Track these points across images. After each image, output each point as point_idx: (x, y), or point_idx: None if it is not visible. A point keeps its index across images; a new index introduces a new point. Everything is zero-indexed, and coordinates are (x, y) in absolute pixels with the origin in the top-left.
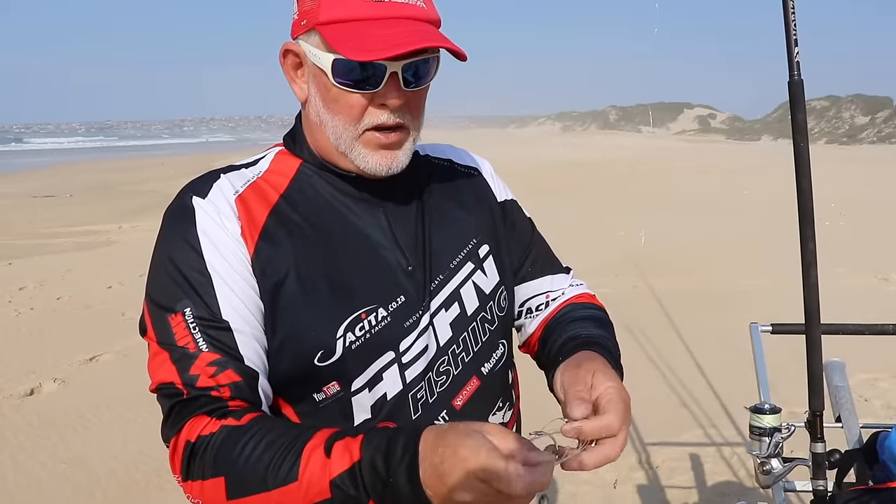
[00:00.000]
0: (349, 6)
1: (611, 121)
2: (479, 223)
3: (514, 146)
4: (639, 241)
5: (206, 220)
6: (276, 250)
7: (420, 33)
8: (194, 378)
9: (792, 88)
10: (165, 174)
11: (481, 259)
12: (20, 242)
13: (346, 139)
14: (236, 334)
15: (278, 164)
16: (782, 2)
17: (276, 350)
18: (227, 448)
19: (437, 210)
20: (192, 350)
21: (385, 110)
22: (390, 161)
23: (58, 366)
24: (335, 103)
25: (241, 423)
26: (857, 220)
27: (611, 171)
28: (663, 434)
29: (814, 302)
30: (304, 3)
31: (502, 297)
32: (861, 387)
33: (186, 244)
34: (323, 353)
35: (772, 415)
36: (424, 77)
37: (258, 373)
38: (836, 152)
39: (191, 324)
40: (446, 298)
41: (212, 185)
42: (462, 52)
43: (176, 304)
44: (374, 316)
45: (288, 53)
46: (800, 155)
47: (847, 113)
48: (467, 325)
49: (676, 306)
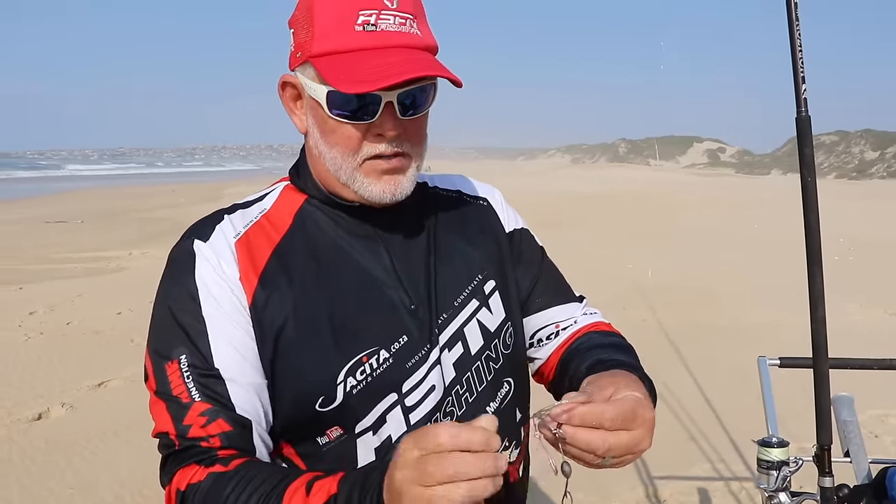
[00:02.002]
0: (341, 37)
1: (620, 154)
2: (485, 257)
3: (523, 178)
4: (646, 274)
5: (205, 267)
6: (275, 295)
7: (413, 62)
8: (187, 428)
9: (799, 124)
10: (175, 201)
11: (487, 295)
12: (31, 267)
13: (347, 170)
14: (228, 383)
15: (283, 202)
16: (790, 40)
17: (277, 395)
18: (213, 494)
19: (443, 244)
20: (185, 400)
21: (383, 140)
22: (394, 188)
23: (66, 391)
24: (332, 135)
25: (227, 470)
26: (866, 256)
27: (620, 203)
28: (671, 468)
29: (821, 336)
30: (299, 34)
31: (507, 334)
32: (871, 423)
33: (185, 292)
34: (324, 399)
35: (779, 448)
36: (422, 105)
37: (250, 422)
38: (846, 187)
39: (185, 372)
40: (450, 337)
41: (214, 227)
42: (457, 79)
43: (172, 352)
44: (376, 358)
45: (286, 86)
46: (807, 190)
47: (857, 148)
48: (471, 365)
49: (685, 340)
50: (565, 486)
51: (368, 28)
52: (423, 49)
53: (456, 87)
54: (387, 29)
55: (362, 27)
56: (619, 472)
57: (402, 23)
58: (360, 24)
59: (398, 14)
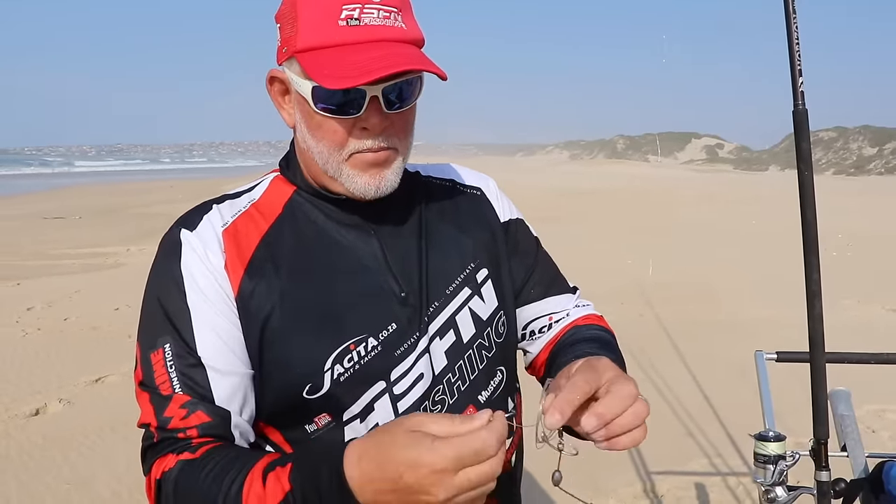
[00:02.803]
0: (324, 32)
1: (618, 150)
2: (478, 246)
3: (521, 173)
4: (645, 270)
5: (191, 256)
6: (262, 283)
7: (396, 56)
8: (167, 420)
9: (796, 117)
10: (173, 197)
11: (479, 284)
12: (29, 263)
13: (333, 163)
14: (209, 371)
15: (272, 192)
16: (787, 33)
17: (265, 382)
18: (182, 482)
19: (435, 233)
20: (166, 392)
21: (368, 135)
22: (378, 181)
23: (63, 386)
24: (319, 129)
25: (195, 457)
26: (864, 251)
27: (618, 199)
28: (669, 463)
29: (818, 330)
30: (285, 29)
31: (500, 322)
32: (869, 418)
33: (171, 281)
34: (311, 387)
35: (776, 442)
36: (408, 98)
37: (229, 413)
38: (844, 183)
39: (168, 361)
40: (441, 325)
41: (202, 216)
42: (441, 72)
43: (157, 340)
44: (364, 346)
45: (274, 80)
46: (804, 184)
47: (855, 144)
48: (463, 353)
49: (683, 335)
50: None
51: (352, 23)
52: (408, 42)
53: (441, 80)
54: (370, 23)
55: (346, 21)
56: (617, 467)
57: (385, 16)
58: (344, 18)
59: (382, 7)
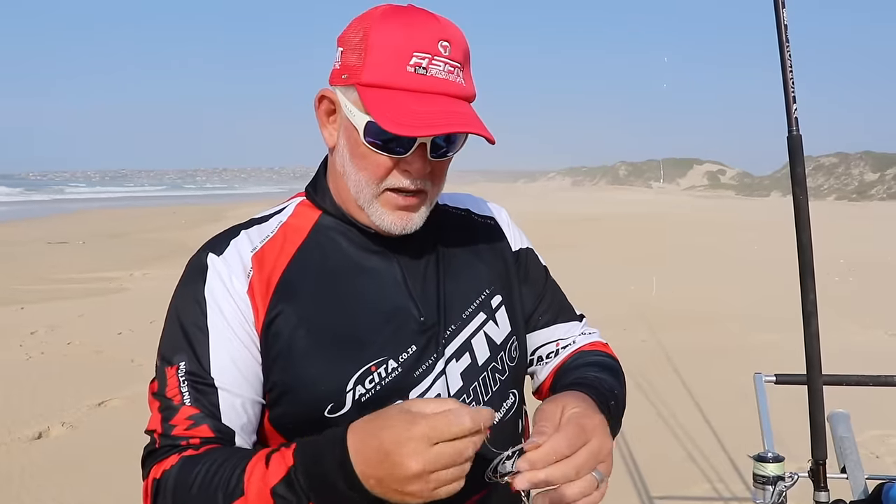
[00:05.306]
0: (392, 74)
1: (621, 176)
2: (492, 273)
3: (524, 200)
4: (647, 295)
5: (215, 280)
6: (289, 306)
7: (456, 115)
8: (172, 428)
9: (791, 143)
10: (177, 223)
11: (493, 309)
12: (32, 287)
13: (366, 195)
14: (220, 392)
15: (298, 216)
16: (780, 61)
17: (289, 400)
18: (182, 476)
19: (451, 260)
20: (176, 403)
21: (408, 176)
22: (405, 222)
23: (66, 410)
24: (362, 160)
25: (197, 453)
26: (866, 277)
27: (620, 225)
28: (671, 488)
29: (815, 352)
30: (349, 57)
31: (513, 347)
32: (872, 443)
33: (194, 302)
34: (333, 406)
35: (775, 463)
36: (452, 149)
37: (234, 432)
38: (846, 209)
39: (181, 377)
40: (458, 348)
41: (230, 241)
42: (491, 137)
43: (174, 357)
44: (385, 368)
45: (324, 99)
46: (800, 208)
47: (856, 170)
48: (478, 375)
49: (685, 360)
50: None
51: (419, 71)
52: (465, 98)
53: (489, 143)
54: (436, 75)
55: (414, 69)
56: (618, 493)
57: (450, 70)
58: (413, 65)
59: (448, 61)
